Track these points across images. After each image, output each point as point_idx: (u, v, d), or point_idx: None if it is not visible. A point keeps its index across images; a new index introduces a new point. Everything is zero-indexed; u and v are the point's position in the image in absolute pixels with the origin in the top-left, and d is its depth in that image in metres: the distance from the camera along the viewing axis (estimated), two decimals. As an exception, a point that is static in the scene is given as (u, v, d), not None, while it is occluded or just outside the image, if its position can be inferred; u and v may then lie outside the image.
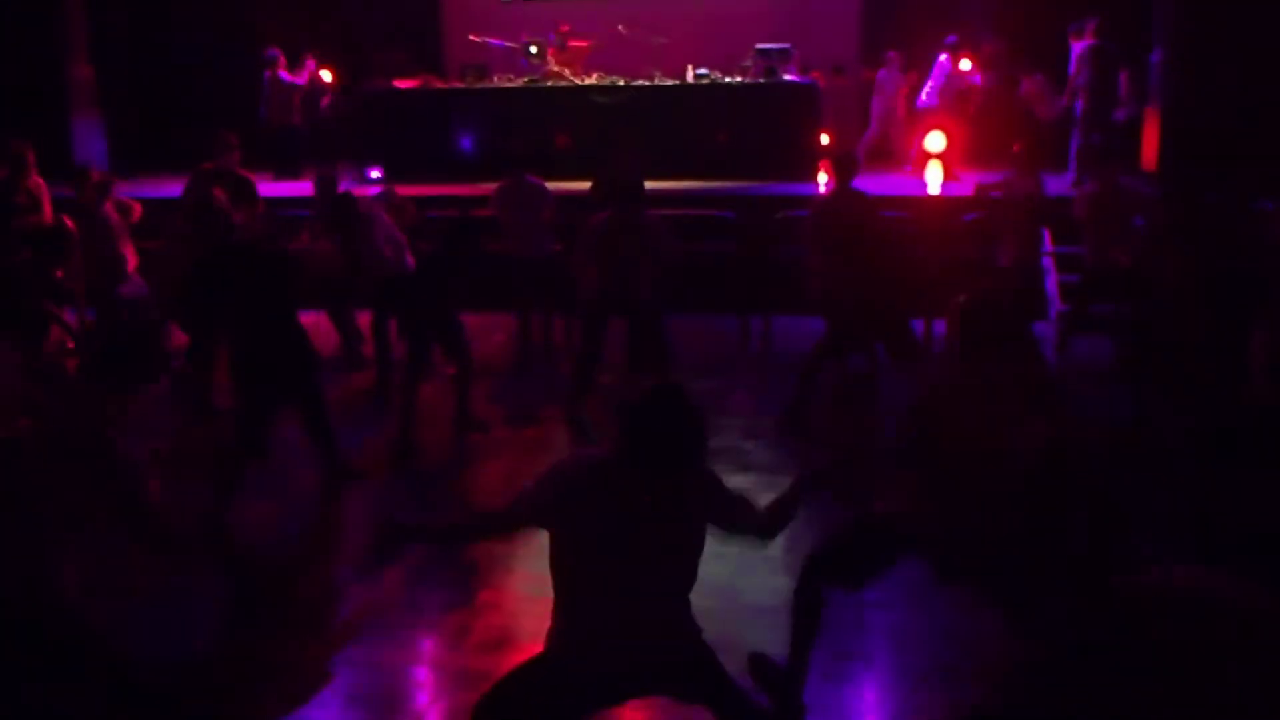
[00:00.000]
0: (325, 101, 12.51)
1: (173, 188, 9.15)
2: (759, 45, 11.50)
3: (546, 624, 3.07)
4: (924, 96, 11.39)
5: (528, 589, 4.73)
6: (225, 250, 5.75)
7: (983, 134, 11.38)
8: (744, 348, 8.82)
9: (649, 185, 7.12)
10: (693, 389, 2.97)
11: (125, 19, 12.79)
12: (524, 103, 11.59)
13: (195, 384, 7.06)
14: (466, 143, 11.55)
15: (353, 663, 4.35)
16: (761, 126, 11.09)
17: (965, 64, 11.17)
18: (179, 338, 7.10)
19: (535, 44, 11.82)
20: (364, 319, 8.00)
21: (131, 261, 7.72)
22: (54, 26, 11.99)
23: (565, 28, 12.02)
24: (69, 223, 7.28)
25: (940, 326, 5.16)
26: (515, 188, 8.20)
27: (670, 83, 11.56)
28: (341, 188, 8.11)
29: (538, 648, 3.09)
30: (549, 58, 11.76)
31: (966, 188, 9.59)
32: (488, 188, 8.58)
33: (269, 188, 9.94)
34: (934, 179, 10.96)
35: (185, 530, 4.93)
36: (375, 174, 11.17)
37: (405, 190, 8.84)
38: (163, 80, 13.13)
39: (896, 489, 3.75)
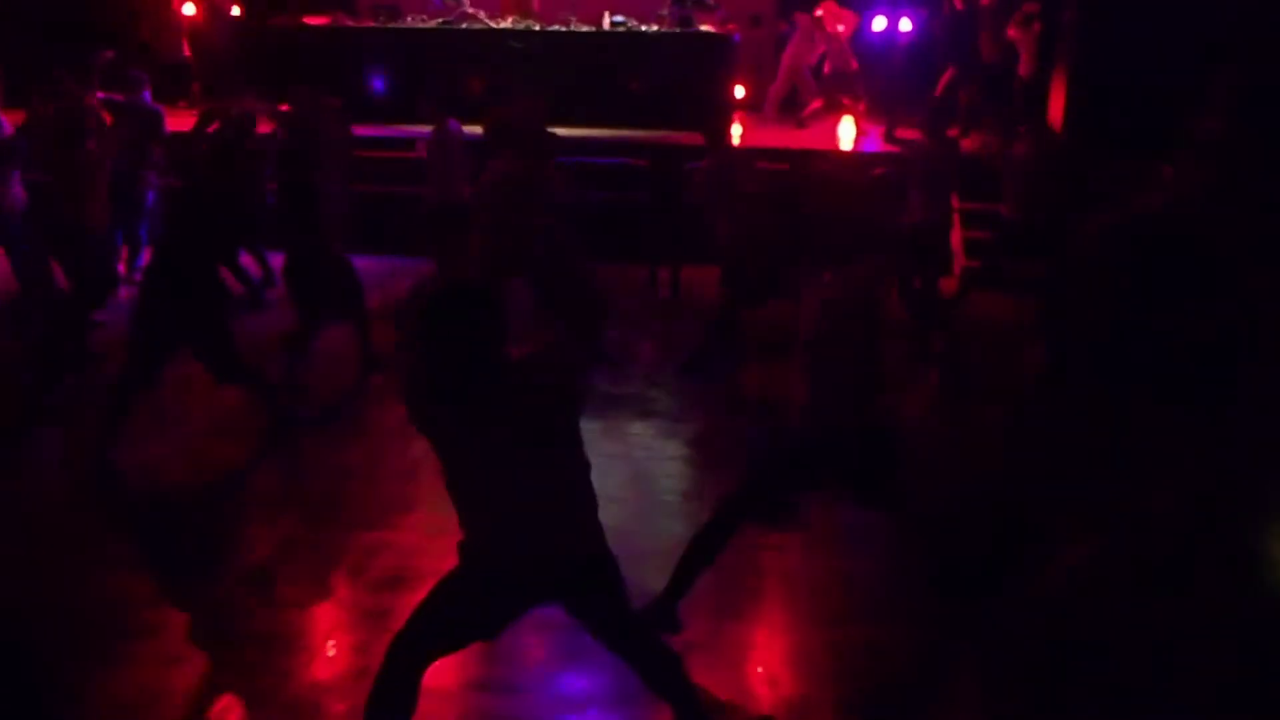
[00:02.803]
0: (224, 35, 12.14)
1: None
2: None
3: (443, 563, 3.11)
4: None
5: (426, 529, 4.78)
6: None
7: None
8: (653, 296, 8.86)
9: (563, 132, 7.04)
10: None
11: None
12: (436, 44, 11.40)
13: None
14: (378, 84, 11.32)
15: (257, 602, 4.35)
16: (676, 76, 11.06)
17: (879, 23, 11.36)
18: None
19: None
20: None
21: None
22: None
23: None
24: None
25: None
26: (439, 132, 8.13)
27: (586, 29, 11.47)
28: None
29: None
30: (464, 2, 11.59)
31: (875, 143, 9.71)
32: (399, 130, 8.46)
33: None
34: (846, 134, 11.06)
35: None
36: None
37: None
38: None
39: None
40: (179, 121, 8.78)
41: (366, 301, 6.77)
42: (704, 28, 11.40)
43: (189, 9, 11.92)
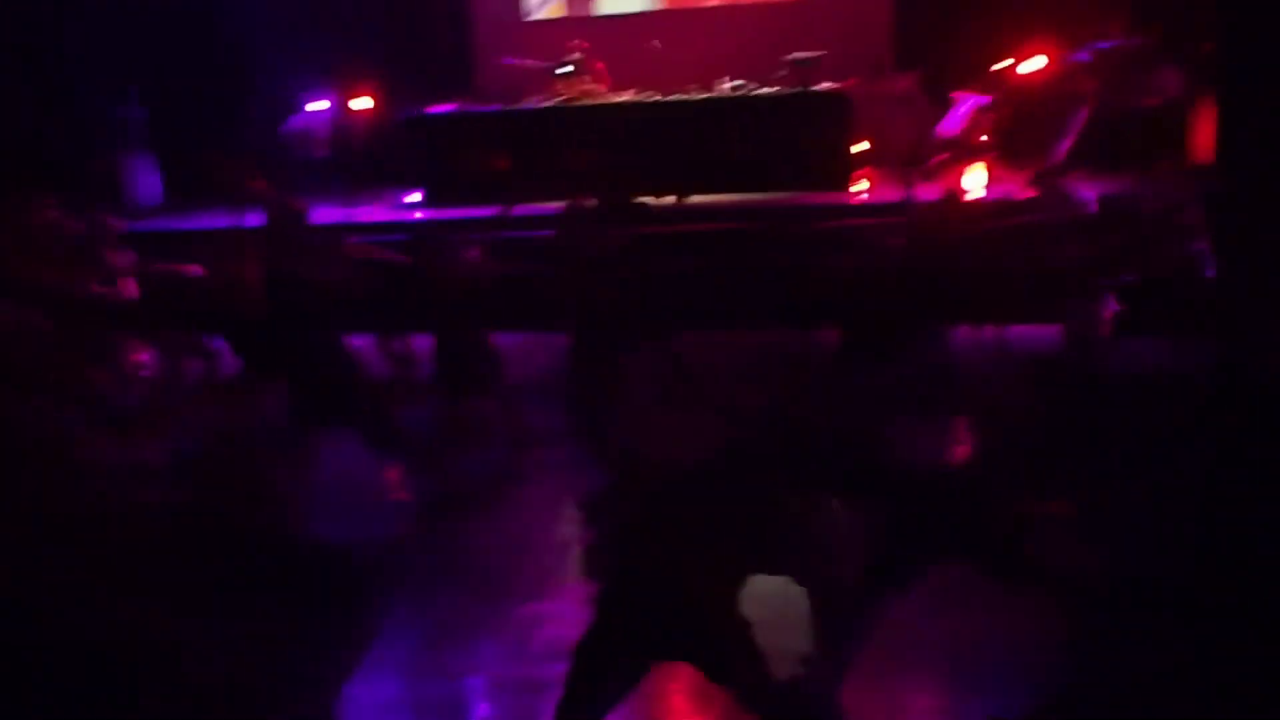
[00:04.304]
0: (358, 131, 12.76)
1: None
2: (791, 55, 11.64)
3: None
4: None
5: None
6: None
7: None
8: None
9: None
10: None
11: (177, 61, 13.13)
12: (558, 123, 11.80)
13: None
14: (505, 165, 11.74)
15: (419, 671, 4.56)
16: (793, 137, 11.22)
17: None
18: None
19: (565, 64, 12.04)
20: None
21: None
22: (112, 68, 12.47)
23: (585, 45, 12.24)
24: None
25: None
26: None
27: (703, 96, 11.73)
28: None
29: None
30: (579, 78, 11.99)
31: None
32: (529, 209, 8.79)
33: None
34: (977, 181, 10.87)
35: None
36: (413, 198, 11.48)
37: (447, 214, 9.04)
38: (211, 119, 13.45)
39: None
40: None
41: (508, 378, 7.04)
42: (819, 86, 11.52)
43: (321, 105, 12.57)
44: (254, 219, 8.19)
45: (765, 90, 11.59)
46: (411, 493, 6.27)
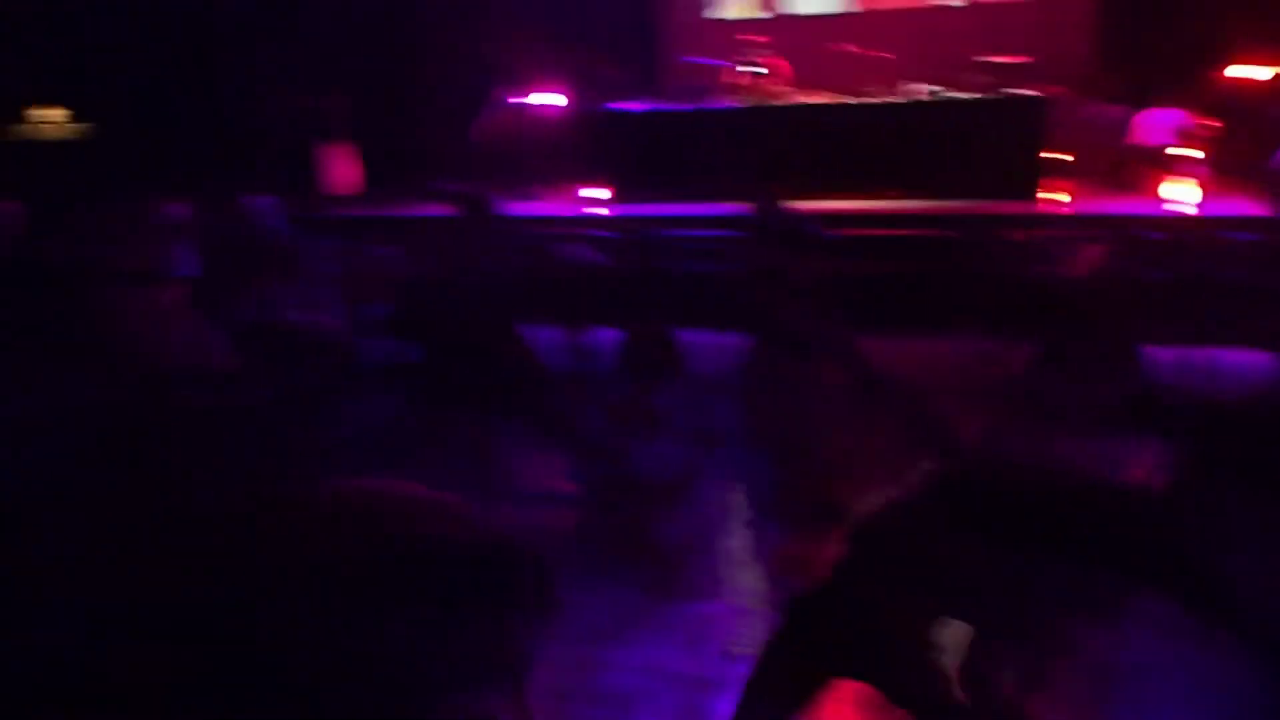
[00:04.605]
0: (550, 126, 13.00)
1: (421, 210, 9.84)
2: (983, 58, 11.33)
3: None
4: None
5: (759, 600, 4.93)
6: None
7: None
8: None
9: (865, 205, 7.14)
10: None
11: (382, 52, 13.67)
12: (743, 123, 11.76)
13: None
14: (690, 164, 11.79)
15: (591, 664, 4.62)
16: (984, 143, 10.91)
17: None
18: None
19: (751, 63, 12.01)
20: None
21: None
22: (315, 60, 13.08)
23: (764, 40, 12.18)
24: None
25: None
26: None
27: (891, 99, 11.52)
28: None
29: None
30: (765, 78, 11.94)
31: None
32: (712, 208, 8.80)
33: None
34: (1188, 194, 10.33)
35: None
36: (598, 194, 11.65)
37: (636, 211, 9.13)
38: (410, 109, 13.95)
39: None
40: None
41: (691, 373, 7.06)
42: (1014, 91, 11.17)
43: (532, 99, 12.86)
44: (444, 210, 8.45)
45: (957, 94, 11.31)
46: (585, 484, 6.34)
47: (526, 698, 3.62)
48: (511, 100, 12.69)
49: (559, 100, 12.79)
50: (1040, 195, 10.66)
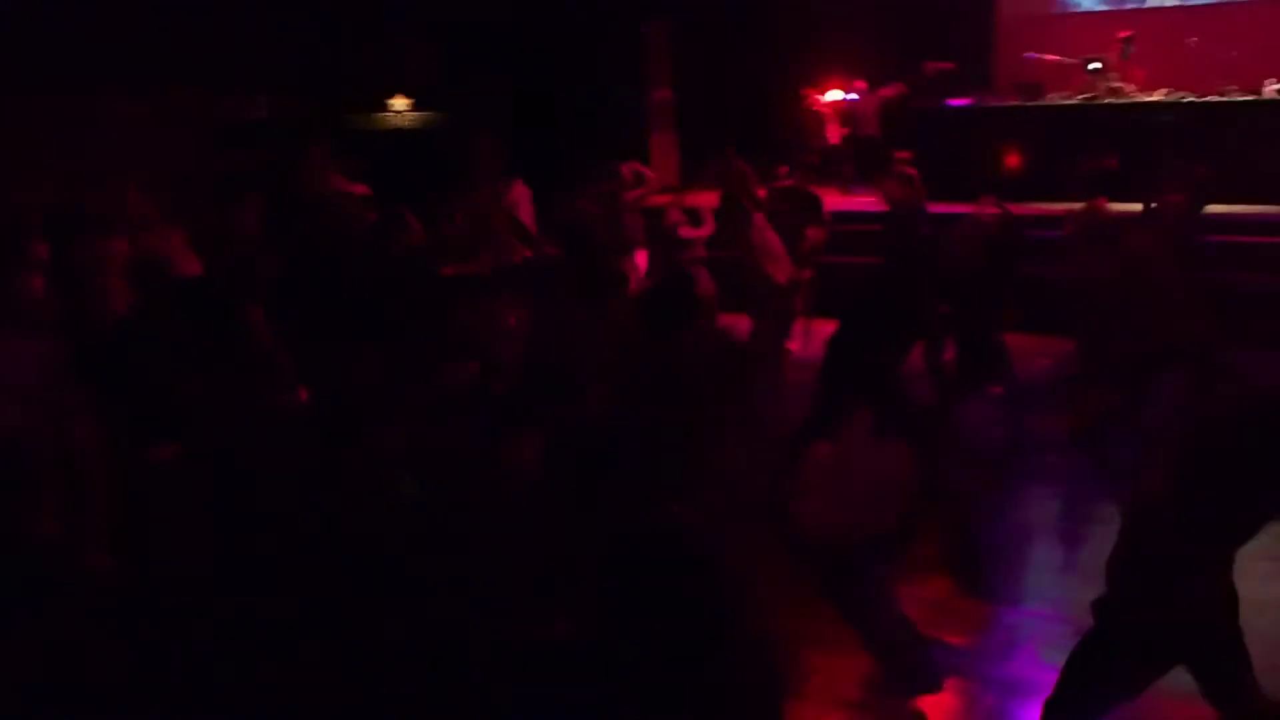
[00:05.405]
0: (870, 122, 12.97)
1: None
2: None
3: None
4: None
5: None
6: None
7: None
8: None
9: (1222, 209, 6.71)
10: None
11: (702, 50, 14.09)
12: (1079, 121, 11.30)
13: None
14: (1017, 162, 11.46)
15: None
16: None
17: None
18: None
19: (1096, 59, 11.50)
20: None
21: None
22: (641, 58, 13.70)
23: (1125, 34, 11.57)
24: None
25: None
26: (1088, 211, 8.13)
27: (1245, 98, 10.74)
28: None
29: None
30: (1110, 73, 11.40)
31: None
32: (1038, 208, 8.53)
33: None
34: None
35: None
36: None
37: (953, 209, 8.94)
38: (732, 104, 14.31)
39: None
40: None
41: (1017, 379, 6.92)
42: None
43: (835, 95, 12.92)
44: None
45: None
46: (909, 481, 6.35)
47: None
48: (832, 95, 12.76)
49: (891, 94, 12.72)
50: None
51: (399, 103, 13.87)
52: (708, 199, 8.97)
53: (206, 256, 6.28)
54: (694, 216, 8.67)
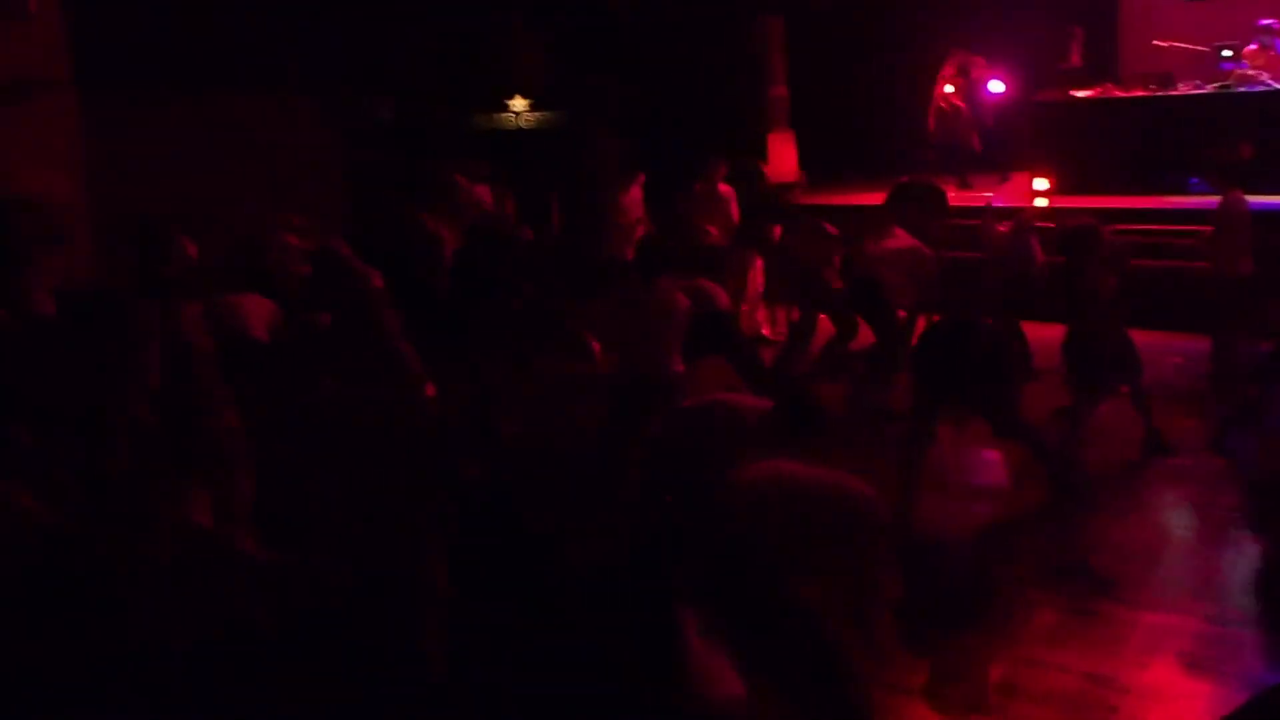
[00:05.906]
0: (992, 114, 12.64)
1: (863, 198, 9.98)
2: None
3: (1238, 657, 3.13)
4: None
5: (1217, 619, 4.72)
6: None
7: None
8: None
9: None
10: None
11: (818, 47, 13.99)
12: (1211, 110, 10.88)
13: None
14: (1145, 154, 11.07)
15: (1042, 664, 4.60)
16: None
17: None
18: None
19: (1229, 46, 11.08)
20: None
21: None
22: (758, 56, 13.68)
23: (1266, 21, 11.11)
24: None
25: None
26: (1225, 204, 7.87)
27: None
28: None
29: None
30: (1245, 60, 10.96)
31: None
32: (1165, 201, 8.28)
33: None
34: None
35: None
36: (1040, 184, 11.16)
37: (1078, 203, 8.75)
38: (848, 100, 14.17)
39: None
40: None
41: (1145, 378, 6.72)
42: None
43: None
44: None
45: None
46: (1024, 485, 6.23)
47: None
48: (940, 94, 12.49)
49: (1000, 87, 12.43)
50: None
51: (518, 103, 14.05)
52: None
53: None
54: None
